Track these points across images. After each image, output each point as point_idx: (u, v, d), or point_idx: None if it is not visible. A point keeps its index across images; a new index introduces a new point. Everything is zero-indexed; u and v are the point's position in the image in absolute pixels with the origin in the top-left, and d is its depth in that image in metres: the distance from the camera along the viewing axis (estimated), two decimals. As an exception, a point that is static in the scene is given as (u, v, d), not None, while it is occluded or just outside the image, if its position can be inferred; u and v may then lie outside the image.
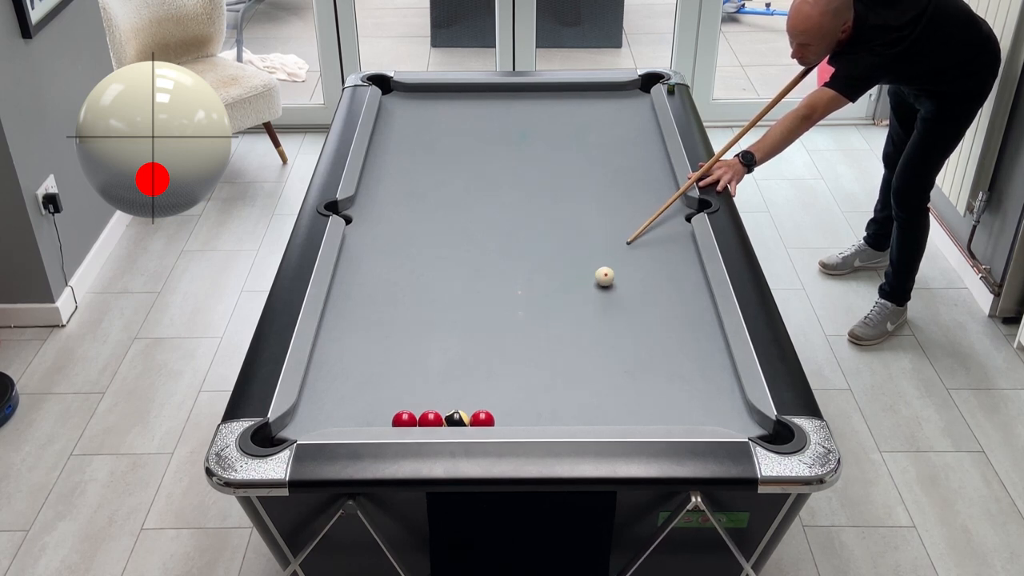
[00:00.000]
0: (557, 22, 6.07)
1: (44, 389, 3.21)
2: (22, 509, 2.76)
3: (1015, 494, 2.80)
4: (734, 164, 2.86)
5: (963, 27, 2.92)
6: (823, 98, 2.89)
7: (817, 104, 2.89)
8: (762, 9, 6.67)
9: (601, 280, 2.39)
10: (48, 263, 3.42)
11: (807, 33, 2.82)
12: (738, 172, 2.84)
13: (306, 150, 4.79)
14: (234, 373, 3.26)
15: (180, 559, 2.61)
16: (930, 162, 3.15)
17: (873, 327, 3.39)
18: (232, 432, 1.88)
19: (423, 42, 6.31)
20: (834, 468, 1.79)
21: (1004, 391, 3.19)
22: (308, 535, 1.91)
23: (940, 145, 3.12)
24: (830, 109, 2.91)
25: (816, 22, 2.79)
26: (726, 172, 2.82)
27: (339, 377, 2.10)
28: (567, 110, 3.32)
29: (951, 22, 2.89)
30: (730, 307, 2.27)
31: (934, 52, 2.90)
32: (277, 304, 2.28)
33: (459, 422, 1.93)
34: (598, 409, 2.02)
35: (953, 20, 2.90)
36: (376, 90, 3.38)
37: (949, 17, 2.89)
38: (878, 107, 4.94)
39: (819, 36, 2.82)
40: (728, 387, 2.07)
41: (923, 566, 2.58)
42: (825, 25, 2.80)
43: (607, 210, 2.74)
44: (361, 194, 2.81)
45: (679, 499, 1.84)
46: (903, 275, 3.37)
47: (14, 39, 3.19)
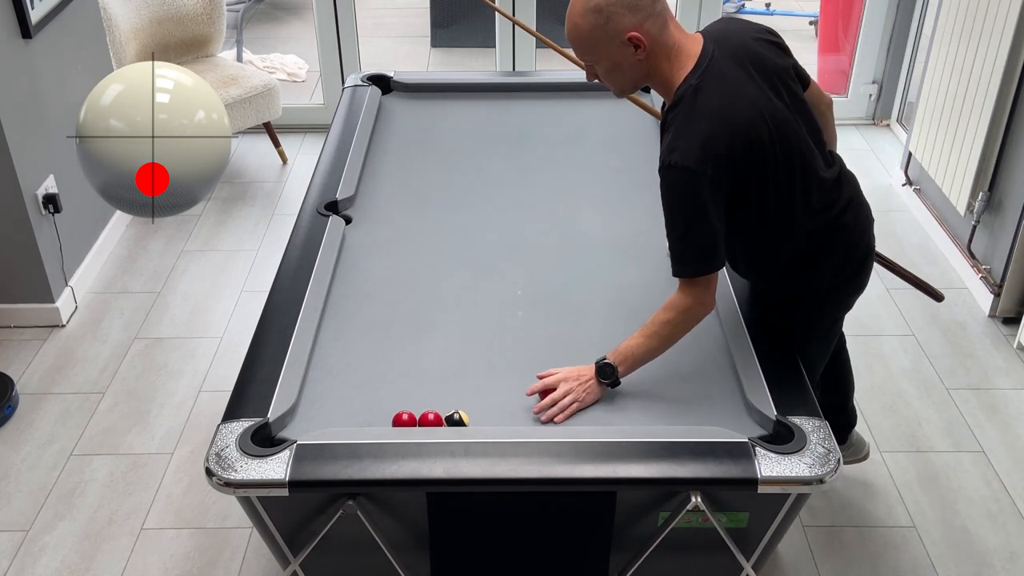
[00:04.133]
0: (557, 22, 6.06)
1: (44, 389, 3.21)
2: (22, 509, 2.76)
3: (1015, 494, 2.80)
4: (587, 380, 2.03)
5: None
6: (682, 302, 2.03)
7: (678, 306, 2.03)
8: (762, 9, 6.67)
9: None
10: (48, 263, 3.42)
11: (575, 42, 1.96)
12: (592, 392, 2.02)
13: (306, 150, 4.78)
14: (234, 373, 3.25)
15: (180, 559, 2.60)
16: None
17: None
18: (232, 432, 1.88)
19: (423, 42, 6.31)
20: (834, 468, 1.79)
21: (1004, 391, 3.18)
22: (308, 535, 1.91)
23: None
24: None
25: (577, 25, 1.92)
26: (573, 395, 2.00)
27: (339, 377, 2.10)
28: (567, 110, 3.32)
29: None
30: (730, 307, 2.26)
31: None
32: (277, 304, 2.28)
33: (459, 422, 1.93)
34: (598, 409, 2.02)
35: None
36: (376, 90, 3.37)
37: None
38: (878, 107, 4.94)
39: (589, 45, 1.94)
40: (728, 387, 2.07)
41: (923, 566, 2.58)
42: (585, 29, 1.91)
43: (607, 210, 2.74)
44: (361, 194, 2.81)
45: (679, 499, 1.83)
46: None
47: (14, 39, 3.19)
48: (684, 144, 1.89)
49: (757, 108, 1.93)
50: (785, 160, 1.98)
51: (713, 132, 1.89)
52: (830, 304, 2.23)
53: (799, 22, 6.58)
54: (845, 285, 2.20)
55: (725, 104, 1.91)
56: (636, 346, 2.04)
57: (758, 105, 1.94)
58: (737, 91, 1.93)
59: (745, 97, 1.93)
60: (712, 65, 1.94)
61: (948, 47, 3.79)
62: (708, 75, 1.93)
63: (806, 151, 2.02)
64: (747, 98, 1.93)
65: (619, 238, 2.60)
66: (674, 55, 1.95)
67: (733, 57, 1.97)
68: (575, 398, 2.00)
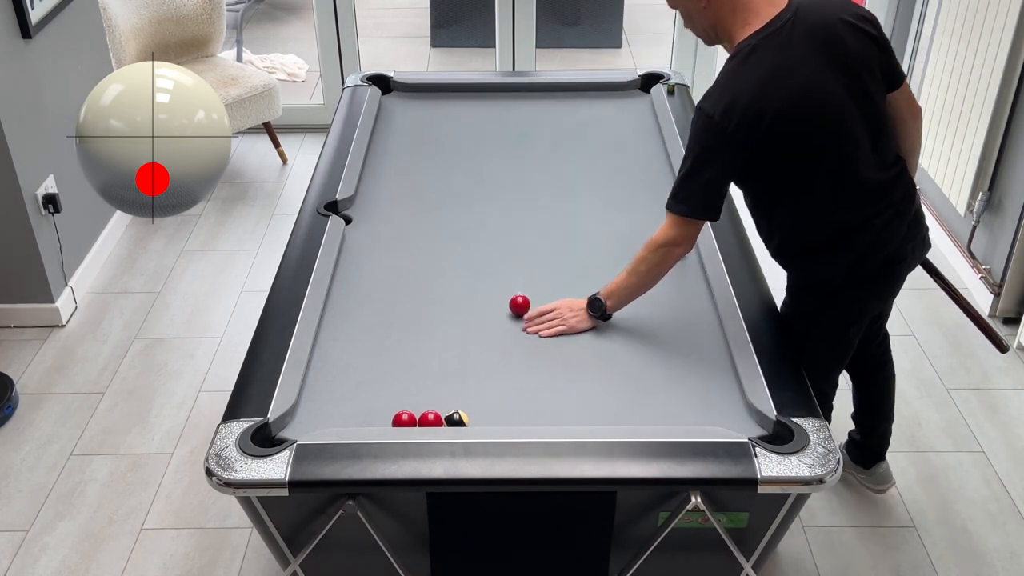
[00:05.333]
0: (557, 22, 6.06)
1: (44, 389, 3.21)
2: (22, 509, 2.76)
3: (1015, 494, 2.80)
4: (578, 309, 2.22)
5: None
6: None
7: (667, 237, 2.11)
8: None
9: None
10: (48, 263, 3.42)
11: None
12: (581, 321, 2.21)
13: (306, 150, 4.78)
14: (234, 373, 3.26)
15: (180, 559, 2.61)
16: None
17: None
18: (232, 432, 1.88)
19: (423, 42, 6.31)
20: (834, 468, 1.79)
21: (1004, 391, 3.18)
22: (308, 535, 1.91)
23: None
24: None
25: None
26: (561, 318, 2.21)
27: (339, 377, 2.10)
28: (567, 110, 3.32)
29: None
30: (730, 307, 2.27)
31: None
32: (277, 304, 2.28)
33: (459, 422, 1.93)
34: (598, 409, 2.02)
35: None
36: (376, 90, 3.37)
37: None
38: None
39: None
40: (728, 387, 2.07)
41: (923, 566, 2.58)
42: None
43: (607, 210, 2.74)
44: (361, 194, 2.81)
45: (679, 499, 1.84)
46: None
47: (14, 39, 3.19)
48: (717, 95, 1.95)
49: (805, 89, 1.93)
50: (820, 148, 1.98)
51: (748, 97, 1.91)
52: (842, 303, 2.21)
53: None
54: (862, 288, 2.18)
55: (772, 75, 1.92)
56: (620, 282, 2.19)
57: (808, 86, 1.93)
58: (791, 65, 1.93)
59: (797, 74, 1.93)
60: (780, 32, 1.95)
61: (948, 47, 3.79)
62: (770, 40, 1.94)
63: (849, 146, 2.00)
64: (799, 75, 1.93)
65: (619, 238, 2.60)
66: (739, 10, 1.98)
67: (809, 31, 1.96)
68: (563, 320, 2.21)
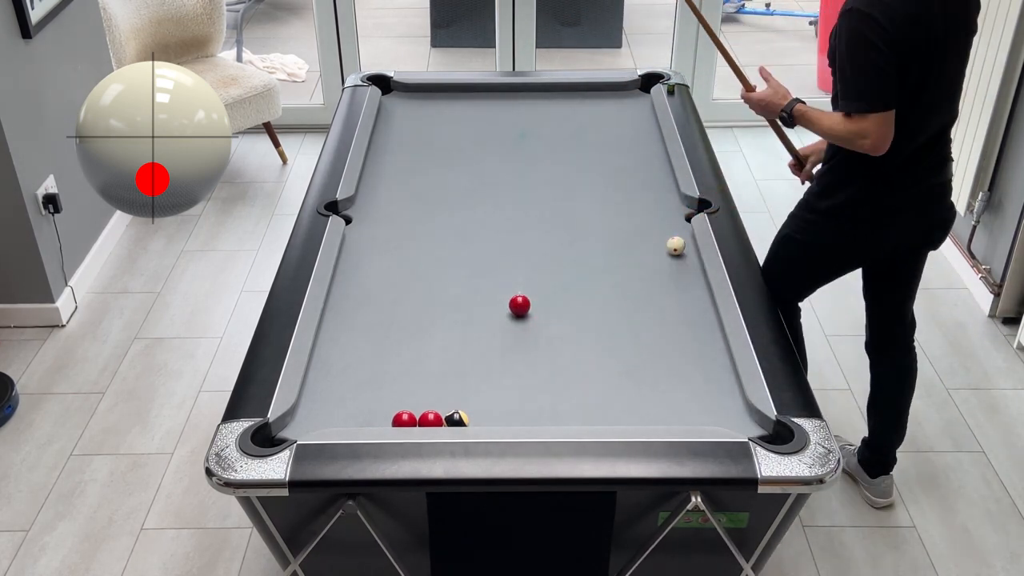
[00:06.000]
0: (557, 22, 6.06)
1: (44, 389, 3.21)
2: (22, 509, 2.76)
3: (1015, 494, 2.80)
4: (779, 99, 2.41)
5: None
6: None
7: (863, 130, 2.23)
8: (762, 9, 6.67)
9: (678, 248, 2.51)
10: (48, 263, 3.42)
11: None
12: (770, 108, 2.43)
13: (306, 150, 4.79)
14: (234, 373, 3.25)
15: (180, 559, 2.61)
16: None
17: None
18: (232, 432, 1.88)
19: (423, 42, 6.31)
20: (834, 468, 1.79)
21: (1004, 391, 3.19)
22: (308, 535, 1.91)
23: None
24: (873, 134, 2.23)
25: None
26: (761, 105, 2.46)
27: (339, 377, 2.10)
28: (567, 110, 3.32)
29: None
30: (730, 307, 2.27)
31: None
32: (277, 304, 2.28)
33: (459, 422, 1.93)
34: (598, 409, 2.02)
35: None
36: (376, 90, 3.38)
37: None
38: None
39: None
40: (728, 387, 2.07)
41: (923, 566, 2.58)
42: None
43: (607, 210, 2.74)
44: (361, 194, 2.81)
45: (679, 499, 1.84)
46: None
47: (14, 39, 3.19)
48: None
49: (933, 9, 2.14)
50: (929, 70, 2.18)
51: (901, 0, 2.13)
52: (831, 229, 2.41)
53: (799, 22, 6.58)
54: (857, 225, 2.37)
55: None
56: (816, 113, 2.32)
57: (946, 12, 2.16)
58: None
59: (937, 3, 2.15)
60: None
61: (948, 47, 3.79)
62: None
63: (945, 84, 2.24)
64: (938, 5, 2.15)
65: (619, 238, 2.60)
66: None
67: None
68: (763, 99, 2.44)
